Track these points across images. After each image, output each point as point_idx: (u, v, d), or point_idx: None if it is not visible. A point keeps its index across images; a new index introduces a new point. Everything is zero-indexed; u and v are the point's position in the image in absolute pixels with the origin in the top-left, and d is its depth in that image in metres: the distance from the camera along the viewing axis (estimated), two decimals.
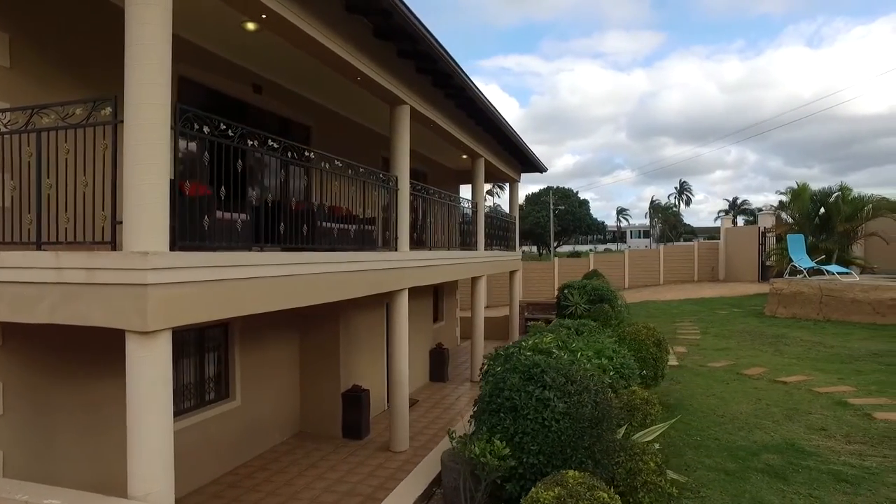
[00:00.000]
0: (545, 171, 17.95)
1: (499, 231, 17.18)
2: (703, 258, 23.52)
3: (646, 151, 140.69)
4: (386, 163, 13.23)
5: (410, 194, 9.37)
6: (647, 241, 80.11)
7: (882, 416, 5.65)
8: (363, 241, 6.88)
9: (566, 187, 66.78)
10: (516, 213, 17.17)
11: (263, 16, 4.85)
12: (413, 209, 10.38)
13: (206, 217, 4.17)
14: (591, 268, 20.74)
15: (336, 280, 5.79)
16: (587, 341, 5.26)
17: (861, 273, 16.21)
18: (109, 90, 3.83)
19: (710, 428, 5.56)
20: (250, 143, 4.61)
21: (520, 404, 3.26)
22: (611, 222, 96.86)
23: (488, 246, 16.37)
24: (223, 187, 4.11)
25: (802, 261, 12.85)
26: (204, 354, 6.93)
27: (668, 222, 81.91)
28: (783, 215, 16.89)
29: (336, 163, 6.43)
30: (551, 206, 52.30)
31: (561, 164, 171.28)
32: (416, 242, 9.54)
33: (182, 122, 3.87)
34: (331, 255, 5.63)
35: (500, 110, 11.18)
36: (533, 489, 2.60)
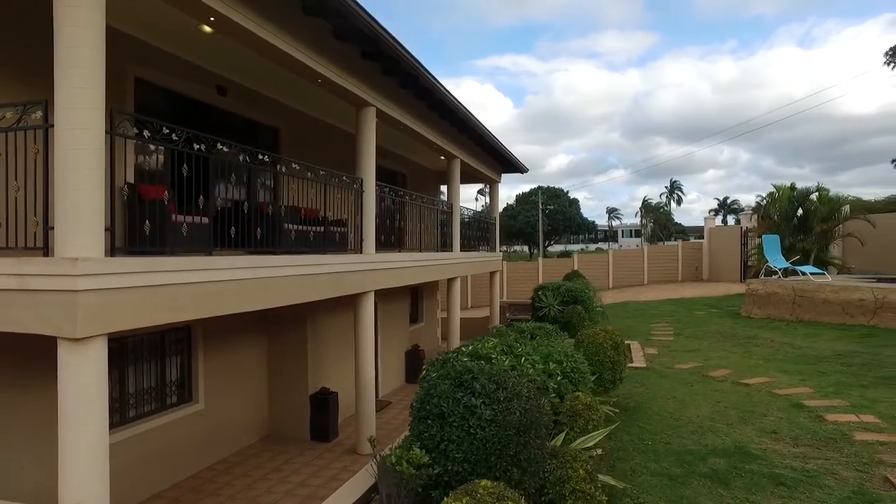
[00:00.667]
0: (525, 172, 17.97)
1: (478, 232, 17.19)
2: (687, 258, 23.63)
3: (639, 151, 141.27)
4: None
5: (381, 196, 9.38)
6: (638, 240, 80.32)
7: (833, 417, 5.69)
8: (325, 244, 6.86)
9: (556, 187, 66.87)
10: (497, 214, 17.20)
11: (211, 18, 4.80)
12: (385, 211, 10.41)
13: (149, 222, 4.16)
14: (575, 268, 20.80)
15: (294, 283, 5.76)
16: (537, 346, 5.27)
17: (838, 273, 16.36)
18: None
19: (665, 432, 5.58)
20: (197, 146, 4.57)
21: (447, 411, 3.26)
22: (603, 222, 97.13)
23: (467, 247, 16.36)
24: (173, 191, 4.10)
25: (777, 261, 12.93)
26: (165, 358, 6.89)
27: (658, 222, 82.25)
28: (761, 216, 17.00)
29: (294, 165, 6.42)
30: (540, 206, 52.34)
31: (555, 163, 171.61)
32: (388, 244, 9.56)
33: (118, 126, 3.84)
34: (287, 259, 5.60)
35: (472, 111, 11.19)
36: (444, 499, 2.61)
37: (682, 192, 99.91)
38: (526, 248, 69.09)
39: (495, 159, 16.41)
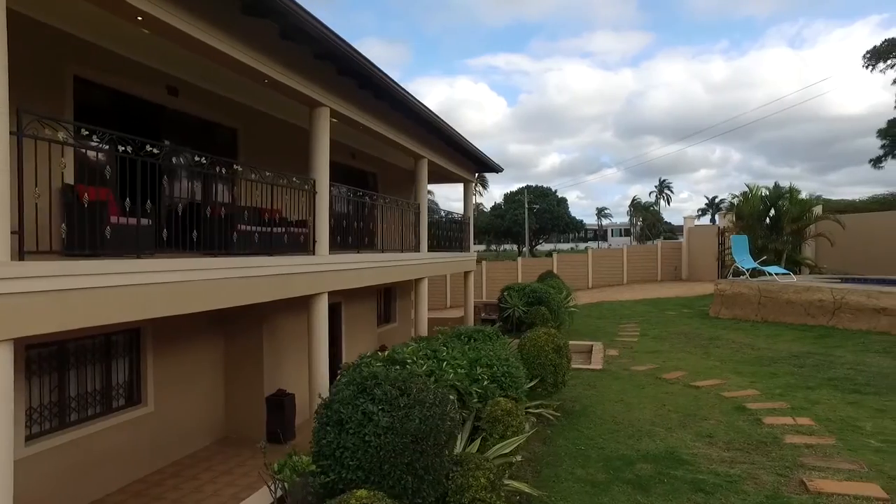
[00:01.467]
0: (500, 171, 17.97)
1: (450, 232, 17.16)
2: (667, 258, 23.72)
3: (632, 150, 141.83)
4: (330, 164, 13.16)
5: (339, 197, 9.36)
6: (627, 239, 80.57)
7: (770, 420, 5.72)
8: (272, 245, 6.81)
9: (545, 186, 66.96)
10: (470, 214, 17.16)
11: (139, 18, 4.74)
12: (347, 211, 10.39)
13: (88, 224, 4.12)
14: (554, 268, 20.81)
15: (235, 285, 5.72)
16: (469, 350, 5.25)
17: (810, 273, 16.47)
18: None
19: (602, 436, 5.59)
20: (122, 148, 4.51)
21: (345, 418, 3.24)
22: (593, 221, 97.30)
23: (437, 247, 16.32)
24: (116, 193, 4.06)
25: (744, 262, 12.99)
26: (111, 360, 6.83)
27: (647, 221, 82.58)
28: (734, 216, 17.10)
29: (236, 167, 6.37)
30: (526, 205, 52.40)
31: (548, 162, 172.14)
32: (348, 245, 9.55)
33: (27, 127, 3.78)
34: (226, 261, 5.55)
35: (434, 112, 11.19)
36: None
37: (671, 190, 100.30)
38: (515, 247, 69.15)
39: (468, 159, 16.39)
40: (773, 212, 16.50)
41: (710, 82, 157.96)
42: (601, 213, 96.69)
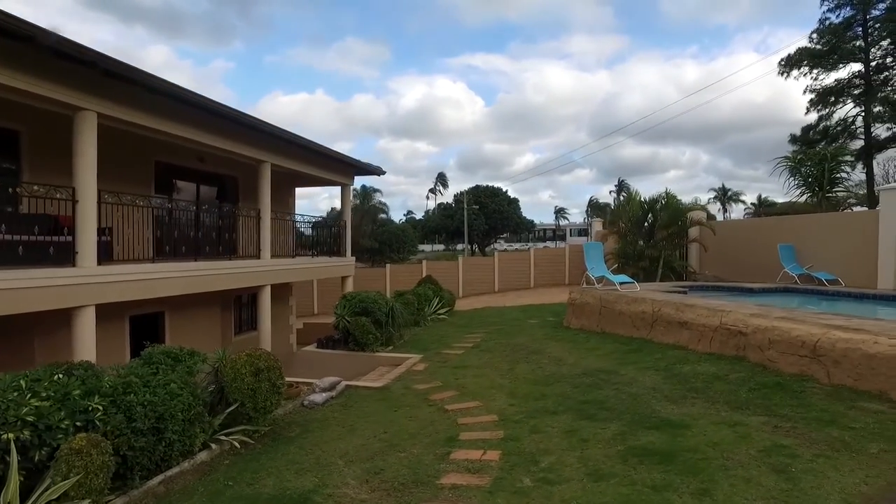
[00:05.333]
0: (381, 174, 17.46)
1: (320, 237, 16.61)
2: (574, 262, 23.45)
3: (605, 151, 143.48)
4: (161, 168, 12.49)
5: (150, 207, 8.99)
6: (585, 239, 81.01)
7: (462, 455, 5.24)
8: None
9: (495, 186, 66.76)
10: (347, 218, 16.62)
11: None
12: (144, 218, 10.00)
13: None
14: (424, 274, 20.28)
15: None
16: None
17: (685, 279, 16.32)
18: None
19: (284, 468, 5.12)
20: None
21: None
22: (551, 220, 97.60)
23: (302, 252, 15.74)
24: None
25: (594, 270, 12.68)
26: None
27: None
28: (608, 222, 16.86)
29: None
30: (465, 207, 52.09)
31: (523, 161, 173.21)
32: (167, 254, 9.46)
33: None
34: None
35: (264, 120, 10.85)
36: None
37: (629, 190, 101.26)
38: (468, 247, 68.91)
39: (336, 163, 15.82)
40: (651, 217, 16.30)
41: (682, 85, 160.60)
42: (560, 212, 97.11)
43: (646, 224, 16.16)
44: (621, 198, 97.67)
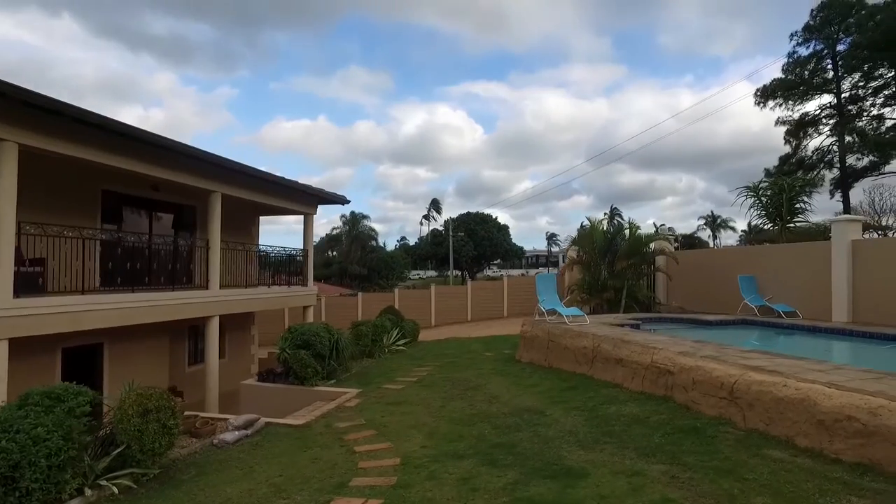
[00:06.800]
0: (346, 203, 17.45)
1: (279, 266, 16.48)
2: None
3: (603, 178, 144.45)
4: (109, 197, 12.42)
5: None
6: None
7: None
8: None
9: (485, 212, 66.92)
10: (310, 247, 16.51)
11: None
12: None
13: None
14: (396, 302, 20.10)
15: None
16: None
17: (651, 310, 16.14)
18: None
19: None
20: None
21: None
22: (545, 246, 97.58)
23: (269, 281, 15.59)
24: None
25: (546, 302, 12.52)
26: None
27: None
28: (567, 253, 16.78)
29: None
30: (450, 235, 52.10)
31: (521, 188, 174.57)
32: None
33: None
34: None
35: (187, 143, 10.72)
36: None
37: (622, 218, 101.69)
38: (458, 273, 68.76)
39: (295, 192, 15.80)
40: (612, 246, 16.21)
41: (679, 113, 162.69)
42: (551, 239, 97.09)
43: (608, 254, 16.05)
44: (611, 225, 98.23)
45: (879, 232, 36.79)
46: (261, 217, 18.28)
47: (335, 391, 10.10)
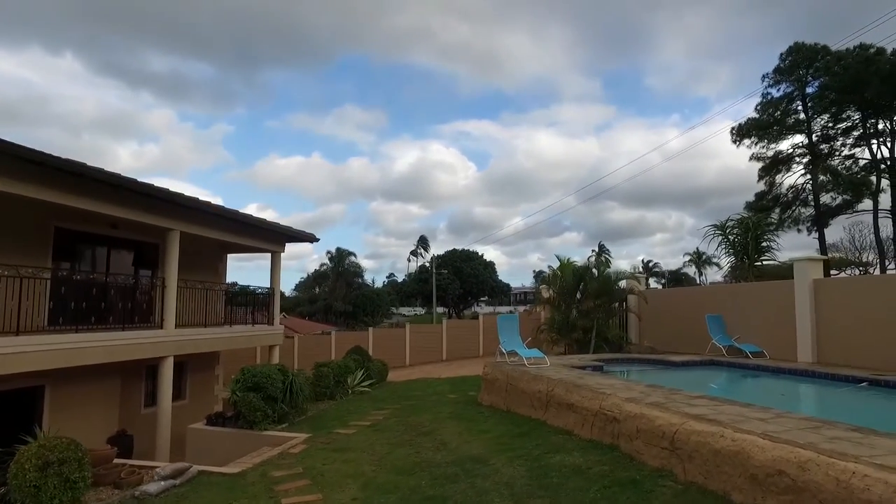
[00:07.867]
0: (315, 241, 17.29)
1: (244, 305, 16.22)
2: (523, 330, 23.00)
3: (593, 215, 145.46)
4: (64, 234, 12.20)
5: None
6: None
7: None
8: None
9: (471, 250, 66.97)
10: (277, 285, 16.27)
11: None
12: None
13: None
14: (371, 341, 19.79)
15: None
16: None
17: (622, 351, 15.93)
18: None
19: None
20: None
21: None
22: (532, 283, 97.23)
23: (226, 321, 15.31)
24: None
25: (507, 343, 12.31)
26: None
27: None
28: (538, 292, 16.64)
29: None
30: (433, 272, 51.97)
31: (513, 225, 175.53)
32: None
33: None
34: None
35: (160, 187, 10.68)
36: None
37: (609, 255, 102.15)
38: (444, 311, 68.31)
39: (262, 230, 15.66)
40: (583, 286, 16.09)
41: (666, 152, 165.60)
42: (539, 276, 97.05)
43: (577, 293, 15.94)
44: (590, 263, 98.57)
45: (860, 268, 37.05)
46: (232, 254, 18.13)
47: (283, 436, 9.74)
